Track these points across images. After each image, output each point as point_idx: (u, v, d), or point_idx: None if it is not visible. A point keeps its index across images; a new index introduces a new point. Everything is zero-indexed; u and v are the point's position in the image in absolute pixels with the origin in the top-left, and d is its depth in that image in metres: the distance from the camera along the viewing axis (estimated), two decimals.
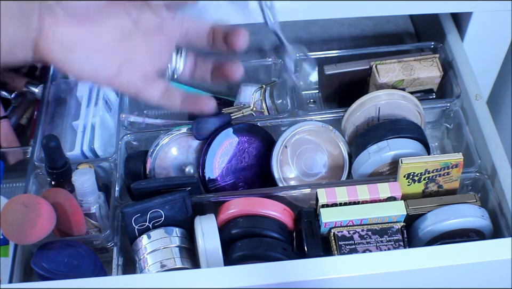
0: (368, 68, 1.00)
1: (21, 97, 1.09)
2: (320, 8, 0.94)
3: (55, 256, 0.82)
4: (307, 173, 0.93)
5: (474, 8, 0.99)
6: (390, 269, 0.75)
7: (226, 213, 0.85)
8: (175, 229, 0.85)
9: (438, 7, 0.97)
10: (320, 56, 1.05)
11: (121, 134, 0.97)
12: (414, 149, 0.89)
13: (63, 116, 1.02)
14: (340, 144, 0.94)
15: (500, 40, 1.05)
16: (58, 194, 0.84)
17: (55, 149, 0.84)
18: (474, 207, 0.84)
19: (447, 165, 0.85)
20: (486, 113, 0.96)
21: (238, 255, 0.82)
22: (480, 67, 1.05)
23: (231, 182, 0.94)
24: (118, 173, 0.92)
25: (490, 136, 0.93)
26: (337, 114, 0.97)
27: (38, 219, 0.79)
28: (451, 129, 1.01)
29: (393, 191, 0.85)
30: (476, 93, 0.98)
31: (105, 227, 0.89)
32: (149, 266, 0.83)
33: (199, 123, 0.92)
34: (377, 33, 1.15)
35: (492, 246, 0.78)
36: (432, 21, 1.09)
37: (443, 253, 0.77)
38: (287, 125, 0.95)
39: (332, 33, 1.15)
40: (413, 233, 0.85)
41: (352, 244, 0.83)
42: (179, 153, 0.93)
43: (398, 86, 0.98)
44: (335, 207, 0.84)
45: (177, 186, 0.86)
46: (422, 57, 1.00)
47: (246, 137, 0.94)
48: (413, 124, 0.92)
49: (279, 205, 0.86)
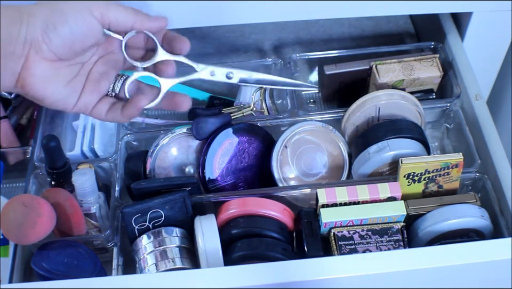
0: (368, 68, 1.00)
1: (21, 97, 1.09)
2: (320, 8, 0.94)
3: (55, 256, 0.82)
4: (307, 173, 0.93)
5: (474, 8, 0.99)
6: (390, 269, 0.75)
7: (227, 213, 0.85)
8: (175, 229, 0.85)
9: (438, 7, 0.97)
10: (320, 56, 1.05)
11: (121, 134, 0.97)
12: (414, 149, 0.89)
13: (63, 116, 1.02)
14: (340, 144, 0.94)
15: (500, 40, 1.05)
16: (58, 194, 0.84)
17: (55, 149, 0.85)
18: (474, 207, 0.84)
19: (447, 165, 0.85)
20: (486, 113, 0.96)
21: (238, 255, 0.82)
22: (480, 67, 1.05)
23: (231, 182, 0.94)
24: (118, 173, 0.92)
25: (490, 136, 0.93)
26: (337, 114, 0.97)
27: (38, 219, 0.79)
28: (451, 129, 1.01)
29: (393, 191, 0.85)
30: (476, 93, 0.98)
31: (105, 227, 0.89)
32: (149, 266, 0.83)
33: (199, 123, 0.92)
34: (377, 33, 1.15)
35: (492, 246, 0.78)
36: (432, 21, 1.09)
37: (443, 253, 0.77)
38: (287, 125, 0.95)
39: (332, 33, 1.15)
40: (413, 233, 0.85)
41: (352, 244, 0.83)
42: (179, 153, 0.93)
43: (398, 86, 0.98)
44: (335, 207, 0.84)
45: (177, 186, 0.87)
46: (422, 57, 1.00)
47: (246, 137, 0.94)
48: (413, 124, 0.92)
49: (279, 205, 0.86)
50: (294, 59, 1.04)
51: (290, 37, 1.16)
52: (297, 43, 1.14)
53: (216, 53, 1.13)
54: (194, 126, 0.92)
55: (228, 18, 0.94)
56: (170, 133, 0.93)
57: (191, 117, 0.98)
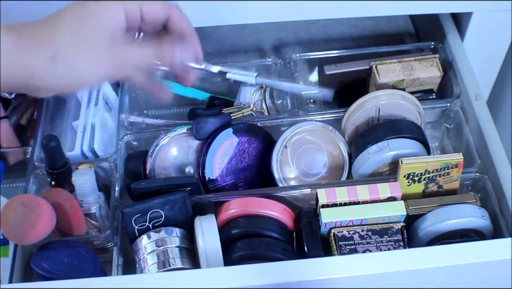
0: (368, 68, 1.00)
1: (21, 97, 1.09)
2: (320, 8, 0.94)
3: (55, 256, 0.82)
4: (307, 173, 0.93)
5: (474, 8, 0.99)
6: (390, 269, 0.75)
7: (227, 213, 0.85)
8: (175, 229, 0.85)
9: (438, 7, 0.97)
10: (320, 56, 1.05)
11: (121, 134, 0.97)
12: (414, 149, 0.89)
13: (63, 116, 1.02)
14: (340, 144, 0.94)
15: (500, 40, 1.05)
16: (58, 194, 0.84)
17: (55, 149, 0.84)
18: (474, 207, 0.84)
19: (447, 165, 0.85)
20: (486, 113, 0.96)
21: (238, 255, 0.82)
22: (480, 67, 1.05)
23: (231, 182, 0.94)
24: (118, 173, 0.92)
25: (490, 136, 0.93)
26: (337, 114, 0.97)
27: (38, 219, 0.79)
28: (451, 129, 1.01)
29: (393, 191, 0.85)
30: (476, 93, 0.98)
31: (105, 227, 0.89)
32: (149, 266, 0.83)
33: (199, 123, 0.92)
34: (377, 33, 1.15)
35: (492, 246, 0.78)
36: (432, 21, 1.09)
37: (443, 253, 0.77)
38: (287, 125, 0.95)
39: (332, 33, 1.16)
40: (413, 233, 0.85)
41: (352, 244, 0.83)
42: (179, 153, 0.93)
43: (398, 86, 0.98)
44: (335, 207, 0.84)
45: (177, 187, 0.86)
46: (422, 57, 1.00)
47: (246, 137, 0.94)
48: (413, 124, 0.92)
49: (279, 205, 0.86)
50: (294, 59, 1.04)
51: (290, 37, 1.16)
52: (297, 43, 1.14)
53: (216, 53, 1.13)
54: (194, 126, 0.92)
55: (228, 18, 0.94)
56: (170, 133, 0.93)
57: (191, 117, 0.99)
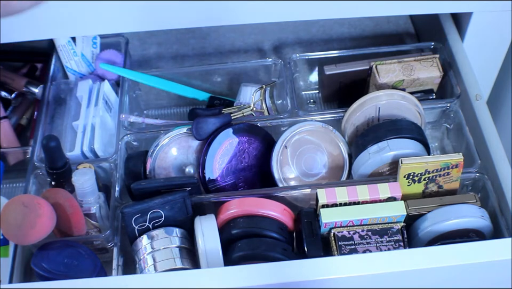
0: (368, 68, 1.00)
1: (21, 97, 1.09)
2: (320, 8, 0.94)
3: (55, 256, 0.82)
4: (307, 173, 0.93)
5: (474, 8, 0.99)
6: (390, 269, 0.75)
7: (227, 213, 0.85)
8: (175, 229, 0.85)
9: (438, 7, 0.97)
10: (320, 56, 1.05)
11: (121, 134, 0.97)
12: (414, 149, 0.89)
13: (63, 116, 1.02)
14: (340, 144, 0.94)
15: (500, 40, 1.05)
16: (58, 195, 0.84)
17: (55, 149, 0.84)
18: (474, 207, 0.84)
19: (447, 165, 0.85)
20: (486, 113, 0.96)
21: (238, 255, 0.82)
22: (480, 67, 1.05)
23: (231, 182, 0.94)
24: (118, 173, 0.92)
25: (490, 136, 0.93)
26: (337, 114, 0.97)
27: (38, 219, 0.79)
28: (451, 129, 1.01)
29: (393, 191, 0.85)
30: (475, 93, 0.98)
31: (105, 227, 0.89)
32: (149, 266, 0.83)
33: (199, 123, 0.92)
34: (377, 34, 1.16)
35: (492, 246, 0.78)
36: (432, 21, 1.09)
37: (443, 253, 0.77)
38: (287, 125, 0.95)
39: (332, 33, 1.16)
40: (413, 233, 0.85)
41: (352, 244, 0.83)
42: (179, 153, 0.93)
43: (398, 86, 0.98)
44: (335, 207, 0.84)
45: (177, 187, 0.87)
46: (422, 58, 1.00)
47: (246, 137, 0.94)
48: (413, 124, 0.92)
49: (279, 205, 0.86)
50: (294, 59, 1.04)
51: (290, 37, 1.16)
52: (297, 43, 1.15)
53: (216, 53, 1.13)
54: (194, 126, 0.92)
55: (228, 18, 0.94)
56: (170, 132, 0.93)
57: (191, 117, 0.99)
